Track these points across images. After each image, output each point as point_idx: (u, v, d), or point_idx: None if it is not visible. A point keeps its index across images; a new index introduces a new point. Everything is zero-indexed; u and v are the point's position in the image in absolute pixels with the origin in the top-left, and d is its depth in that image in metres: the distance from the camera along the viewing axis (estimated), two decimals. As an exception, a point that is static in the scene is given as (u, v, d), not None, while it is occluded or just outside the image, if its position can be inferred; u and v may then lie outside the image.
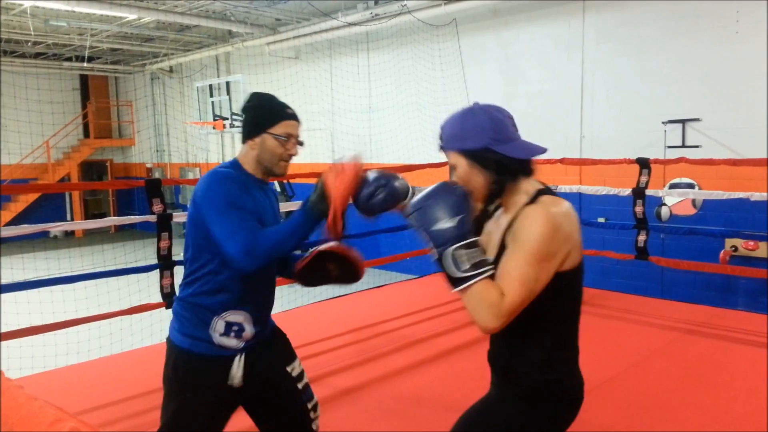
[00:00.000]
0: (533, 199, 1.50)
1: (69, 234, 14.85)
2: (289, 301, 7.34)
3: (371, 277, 8.59)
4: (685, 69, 6.66)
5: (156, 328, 5.41)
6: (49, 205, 14.69)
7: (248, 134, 1.98)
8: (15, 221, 13.53)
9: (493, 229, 1.59)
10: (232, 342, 1.92)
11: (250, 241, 1.75)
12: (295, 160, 2.02)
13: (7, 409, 0.97)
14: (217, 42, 11.70)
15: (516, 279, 1.40)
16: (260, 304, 2.00)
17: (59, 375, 4.02)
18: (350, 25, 9.11)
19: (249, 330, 1.95)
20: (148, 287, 5.00)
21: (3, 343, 3.47)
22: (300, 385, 2.07)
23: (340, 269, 2.01)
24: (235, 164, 2.00)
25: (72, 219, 14.99)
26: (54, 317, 4.21)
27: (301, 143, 2.02)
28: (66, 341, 4.87)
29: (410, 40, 9.14)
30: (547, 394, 1.56)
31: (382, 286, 6.52)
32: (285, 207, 8.48)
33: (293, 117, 2.00)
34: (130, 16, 9.51)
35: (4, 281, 4.03)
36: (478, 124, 1.51)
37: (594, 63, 7.38)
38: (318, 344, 4.32)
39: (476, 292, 1.40)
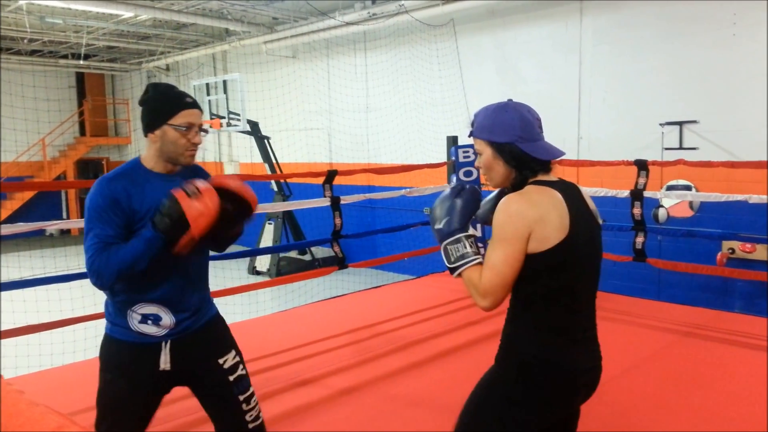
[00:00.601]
0: (515, 192, 1.69)
1: (65, 232, 14.79)
2: (286, 301, 7.32)
3: (369, 277, 8.58)
4: (682, 71, 6.67)
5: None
6: (44, 203, 14.63)
7: (148, 127, 2.00)
8: (11, 219, 13.47)
9: None
10: (151, 329, 2.00)
11: (97, 264, 1.86)
12: (293, 159, 2.02)
13: (7, 416, 0.96)
14: (213, 40, 11.67)
15: (486, 263, 1.63)
16: (175, 296, 2.02)
17: (55, 374, 4.00)
18: (348, 24, 9.09)
19: (167, 319, 2.01)
20: (144, 287, 4.98)
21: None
22: (232, 377, 2.11)
23: (234, 206, 1.94)
24: (135, 162, 2.03)
25: (68, 217, 14.93)
26: (50, 316, 4.19)
27: (204, 131, 2.03)
28: (62, 340, 4.84)
29: (408, 40, 9.13)
30: (537, 370, 1.67)
31: (379, 286, 6.51)
32: (282, 207, 8.50)
33: (193, 105, 2.00)
34: (127, 13, 9.47)
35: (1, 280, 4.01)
36: (509, 120, 1.71)
37: (591, 64, 7.38)
38: (315, 345, 4.31)
39: (465, 279, 1.66)
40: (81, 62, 13.20)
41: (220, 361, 2.10)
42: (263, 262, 10.32)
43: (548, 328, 1.68)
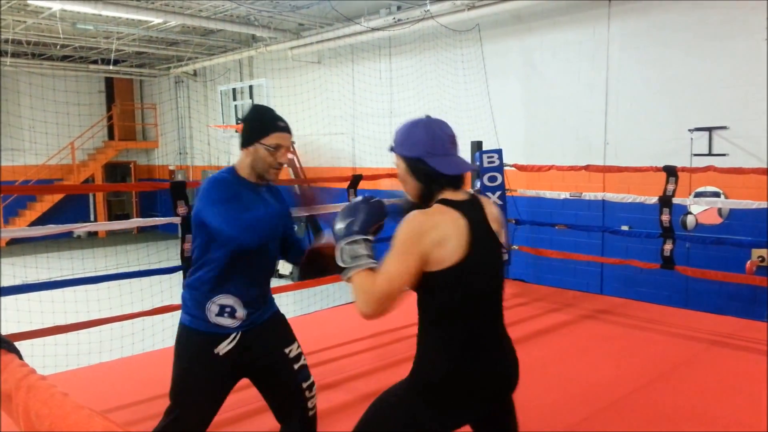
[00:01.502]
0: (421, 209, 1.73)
1: (92, 234, 15.05)
2: (309, 305, 7.34)
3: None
4: (711, 76, 6.56)
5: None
6: (73, 206, 14.91)
7: (244, 143, 2.24)
8: (40, 221, 13.77)
9: None
10: (227, 321, 2.18)
11: (246, 220, 2.07)
12: (317, 163, 2.14)
13: (54, 417, 0.97)
14: (240, 46, 11.80)
15: (382, 272, 1.65)
16: (250, 290, 2.22)
17: (82, 374, 4.06)
18: (373, 30, 9.12)
19: (241, 312, 2.20)
20: (170, 288, 5.04)
21: (27, 341, 3.52)
22: (296, 366, 2.29)
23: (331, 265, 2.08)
24: (231, 170, 2.25)
25: (95, 219, 15.20)
26: (77, 317, 4.26)
27: (293, 151, 2.22)
28: (89, 341, 4.92)
29: (433, 46, 9.12)
30: (441, 384, 1.72)
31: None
32: (305, 211, 8.53)
33: (284, 129, 2.23)
34: (156, 20, 9.63)
35: (30, 280, 4.09)
36: (418, 136, 1.77)
37: (619, 69, 7.30)
38: (337, 349, 4.31)
39: (354, 281, 1.67)
40: (111, 67, 13.46)
41: (286, 350, 2.29)
42: (286, 266, 10.37)
43: (452, 346, 1.73)
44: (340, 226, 1.75)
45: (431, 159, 1.74)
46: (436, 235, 1.66)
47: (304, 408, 2.28)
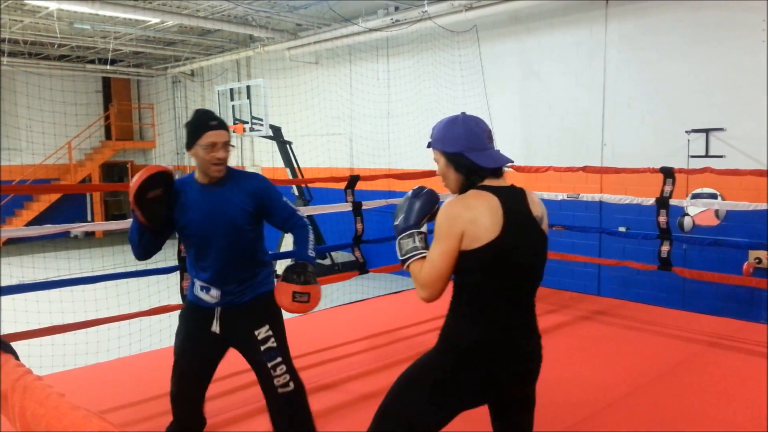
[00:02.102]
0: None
1: (89, 234, 15.02)
2: (306, 305, 7.35)
3: (389, 282, 8.57)
4: (709, 77, 6.57)
5: (175, 330, 5.44)
6: (70, 205, 14.88)
7: (186, 147, 2.47)
8: (37, 220, 13.73)
9: None
10: (205, 297, 2.54)
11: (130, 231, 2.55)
12: (314, 164, 2.19)
13: (50, 417, 0.97)
14: (238, 46, 11.79)
15: (428, 259, 1.83)
16: (218, 275, 2.51)
17: (79, 374, 4.05)
18: (371, 30, 9.12)
19: (215, 291, 2.52)
20: (167, 288, 5.03)
21: (24, 342, 3.51)
22: (263, 347, 2.52)
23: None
24: (191, 174, 2.55)
25: (92, 219, 15.16)
26: (74, 317, 4.25)
27: (231, 146, 2.48)
28: (86, 341, 4.90)
29: (430, 46, 9.12)
30: (469, 357, 1.83)
31: (399, 291, 6.49)
32: (303, 211, 8.52)
33: (216, 127, 2.41)
34: (153, 19, 9.61)
35: (26, 280, 4.07)
36: (457, 132, 1.90)
37: (616, 70, 7.31)
38: (335, 350, 4.31)
39: (411, 270, 1.87)
40: (108, 67, 13.43)
41: (256, 332, 2.52)
42: (283, 267, 10.36)
43: (482, 319, 1.84)
44: (396, 222, 1.94)
45: (471, 153, 1.87)
46: (470, 215, 1.78)
47: (273, 386, 2.53)
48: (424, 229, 1.91)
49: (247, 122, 9.91)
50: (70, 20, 9.71)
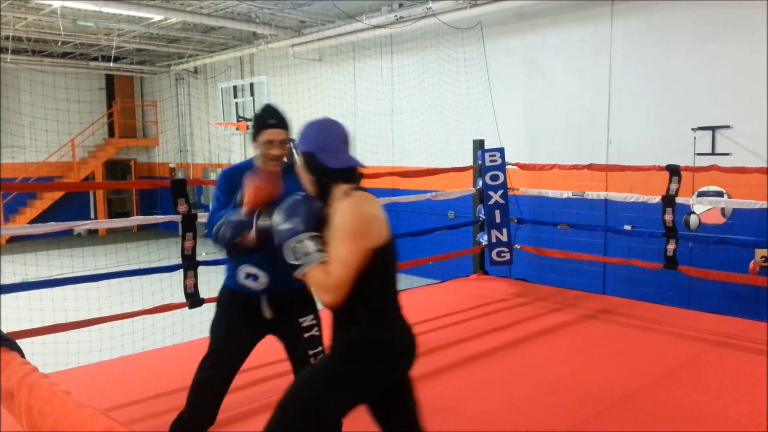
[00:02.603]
0: (345, 196, 1.90)
1: (92, 232, 15.03)
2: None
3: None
4: (715, 74, 6.53)
5: (178, 328, 5.43)
6: (73, 203, 14.89)
7: (252, 138, 2.65)
8: (40, 218, 13.74)
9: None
10: (252, 284, 2.55)
11: (210, 214, 2.60)
12: None
13: (57, 415, 0.96)
14: (241, 43, 11.77)
15: (335, 260, 1.81)
16: (270, 262, 2.46)
17: (83, 372, 4.04)
18: (374, 27, 9.09)
19: (264, 278, 2.54)
20: (171, 287, 5.01)
21: (28, 339, 3.50)
22: (306, 335, 2.59)
23: None
24: (250, 160, 2.67)
25: (95, 217, 15.17)
26: (77, 315, 4.24)
27: (286, 143, 2.52)
28: (89, 339, 4.90)
29: (434, 43, 9.09)
30: (363, 350, 1.90)
31: (402, 290, 6.47)
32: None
33: (274, 126, 2.56)
34: (157, 17, 9.60)
35: (30, 278, 4.07)
36: (310, 133, 2.01)
37: (622, 67, 7.27)
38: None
39: (310, 276, 1.84)
40: (111, 64, 13.42)
41: (301, 320, 2.61)
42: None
43: (374, 313, 1.92)
44: (285, 225, 1.89)
45: (320, 154, 1.95)
46: (375, 212, 1.89)
47: None
48: (317, 233, 1.88)
49: (251, 120, 9.90)
50: (74, 17, 9.70)
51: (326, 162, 1.94)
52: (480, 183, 6.20)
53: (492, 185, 6.08)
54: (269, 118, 2.58)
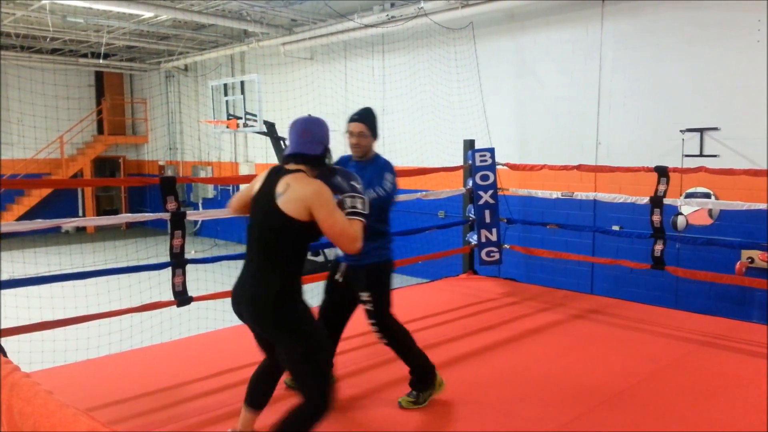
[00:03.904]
0: (316, 178, 2.59)
1: (80, 229, 14.92)
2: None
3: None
4: (704, 77, 6.58)
5: (166, 326, 5.40)
6: (61, 200, 14.77)
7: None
8: (28, 215, 13.62)
9: None
10: (340, 252, 3.10)
11: None
12: None
13: (38, 416, 0.95)
14: (232, 41, 11.72)
15: (345, 221, 2.54)
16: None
17: (69, 371, 4.01)
18: (366, 26, 9.09)
19: (342, 253, 3.08)
20: (159, 285, 4.99)
21: (15, 337, 3.47)
22: (364, 308, 3.22)
23: None
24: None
25: (84, 214, 15.06)
26: (65, 313, 4.21)
27: (367, 134, 3.34)
28: (76, 337, 4.86)
29: (426, 43, 9.10)
30: (290, 298, 2.51)
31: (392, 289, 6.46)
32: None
33: (352, 120, 3.33)
34: (147, 13, 9.54)
35: (17, 275, 4.03)
36: (323, 131, 2.69)
37: (612, 69, 7.31)
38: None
39: (354, 225, 2.58)
40: (101, 61, 13.32)
41: (360, 294, 3.21)
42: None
43: (300, 271, 2.55)
44: (359, 185, 2.67)
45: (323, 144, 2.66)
46: None
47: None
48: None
49: (241, 118, 9.86)
50: (63, 13, 9.62)
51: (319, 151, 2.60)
52: (470, 183, 6.21)
53: (482, 185, 6.09)
54: (354, 113, 3.31)
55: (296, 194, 2.41)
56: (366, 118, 3.29)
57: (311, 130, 2.59)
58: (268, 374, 2.82)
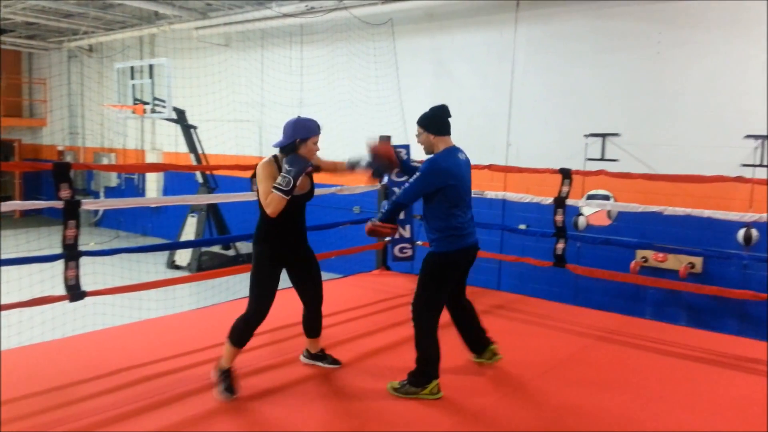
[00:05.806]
0: None
1: (-32, 216, 13.79)
2: (206, 298, 7.10)
3: (294, 274, 8.40)
4: (608, 84, 6.92)
5: (58, 322, 5.08)
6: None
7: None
8: None
9: None
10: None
11: None
12: (220, 150, 2.08)
13: None
14: (142, 23, 11.18)
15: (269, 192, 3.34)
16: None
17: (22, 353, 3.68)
18: (284, 15, 8.92)
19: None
20: (51, 278, 4.67)
21: None
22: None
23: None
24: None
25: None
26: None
27: (416, 135, 3.81)
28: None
29: (345, 37, 9.04)
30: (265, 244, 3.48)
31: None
32: (207, 199, 8.22)
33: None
34: (48, -13, 8.92)
35: None
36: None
37: (524, 73, 7.54)
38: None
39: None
40: (-6, 36, 12.35)
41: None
42: (183, 257, 9.97)
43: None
44: (286, 166, 3.34)
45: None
46: None
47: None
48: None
49: (149, 103, 9.43)
50: (-50, -20, 8.83)
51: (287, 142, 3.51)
52: (386, 178, 6.22)
53: (397, 182, 6.12)
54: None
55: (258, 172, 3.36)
56: (420, 119, 3.68)
57: (286, 127, 3.52)
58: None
